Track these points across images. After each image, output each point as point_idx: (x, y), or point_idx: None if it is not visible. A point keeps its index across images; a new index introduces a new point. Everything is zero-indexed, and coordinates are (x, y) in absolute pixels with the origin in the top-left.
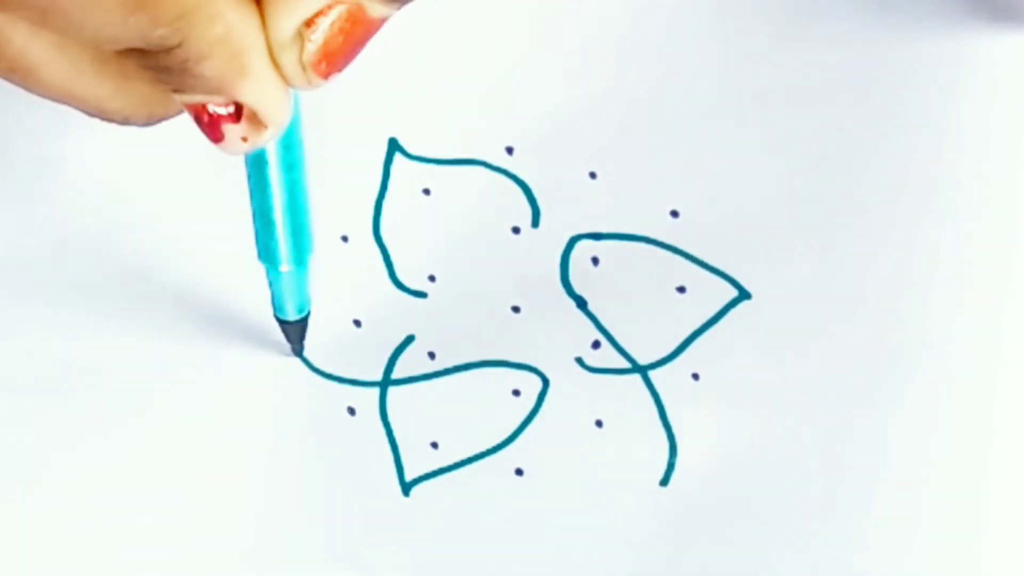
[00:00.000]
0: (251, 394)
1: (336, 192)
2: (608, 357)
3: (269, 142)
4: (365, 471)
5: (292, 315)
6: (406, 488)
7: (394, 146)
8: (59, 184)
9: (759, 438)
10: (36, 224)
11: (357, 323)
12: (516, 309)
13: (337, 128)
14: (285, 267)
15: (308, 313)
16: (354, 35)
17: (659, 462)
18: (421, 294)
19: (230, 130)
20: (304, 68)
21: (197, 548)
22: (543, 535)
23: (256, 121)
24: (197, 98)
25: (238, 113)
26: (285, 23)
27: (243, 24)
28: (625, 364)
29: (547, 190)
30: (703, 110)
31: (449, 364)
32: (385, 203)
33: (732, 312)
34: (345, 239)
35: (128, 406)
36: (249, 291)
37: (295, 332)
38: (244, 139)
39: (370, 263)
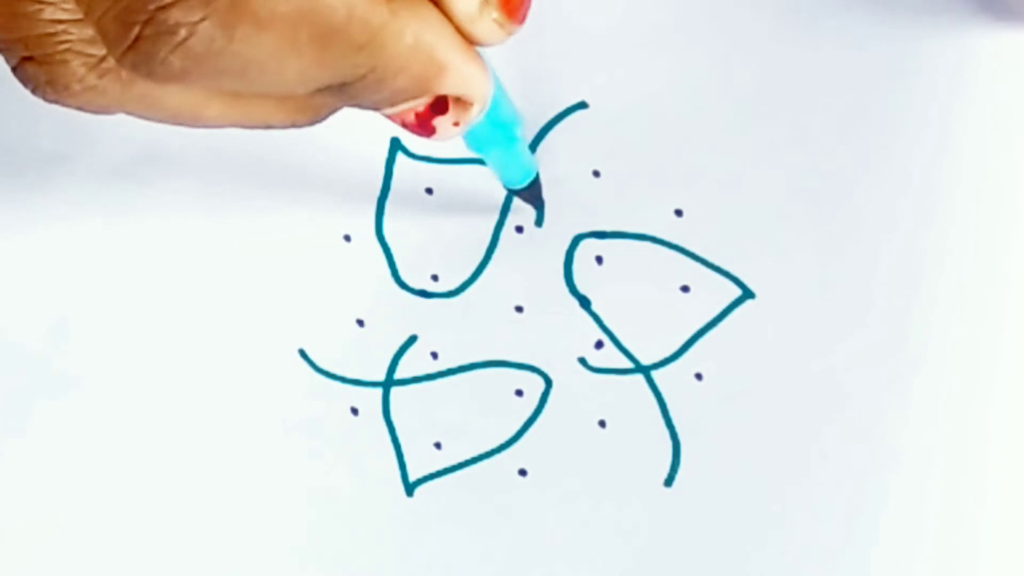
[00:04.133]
0: (254, 394)
1: (338, 192)
2: (611, 357)
3: (479, 116)
4: (368, 471)
5: (518, 184)
6: (409, 488)
7: (396, 145)
8: (65, 182)
9: (763, 438)
10: (42, 222)
11: (360, 323)
12: (519, 309)
13: (339, 127)
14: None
15: (535, 177)
16: None
17: (663, 462)
18: (424, 294)
19: (440, 122)
20: (501, 24)
21: (199, 547)
22: (546, 535)
23: (462, 103)
24: (400, 108)
25: (443, 105)
26: None
27: (428, 25)
28: (628, 364)
29: (551, 189)
30: (707, 109)
31: (452, 364)
32: (388, 203)
33: (736, 312)
34: (348, 239)
35: (130, 406)
36: (252, 290)
37: (527, 196)
38: (456, 124)
39: (373, 263)
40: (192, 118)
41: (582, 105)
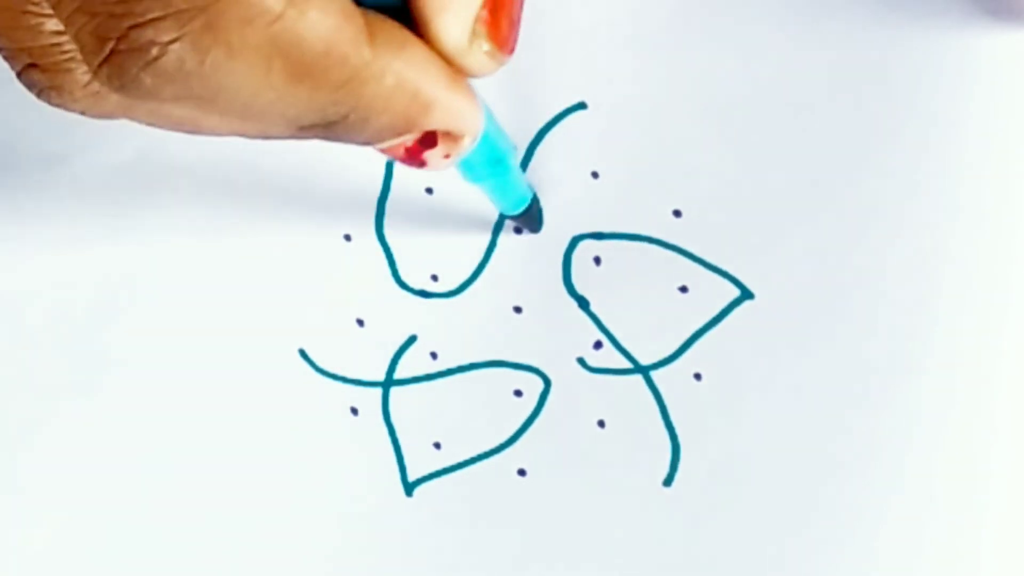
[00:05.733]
0: (254, 394)
1: (339, 191)
2: (610, 357)
3: (471, 148)
4: (367, 471)
5: (515, 211)
6: (409, 488)
7: None
8: (66, 182)
9: (762, 438)
10: (42, 222)
11: (360, 322)
12: (518, 309)
13: None
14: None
15: (530, 202)
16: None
17: (662, 462)
18: (424, 294)
19: (430, 155)
20: (492, 56)
21: (198, 547)
22: (545, 535)
23: (452, 137)
24: (388, 144)
25: (433, 139)
26: (456, 32)
27: (412, 63)
28: (627, 364)
29: (549, 189)
30: (706, 109)
31: (451, 364)
32: (388, 202)
33: (735, 312)
34: (348, 238)
35: (130, 405)
36: (252, 290)
37: (524, 221)
38: (446, 156)
39: (373, 262)
40: (193, 126)
41: (581, 106)
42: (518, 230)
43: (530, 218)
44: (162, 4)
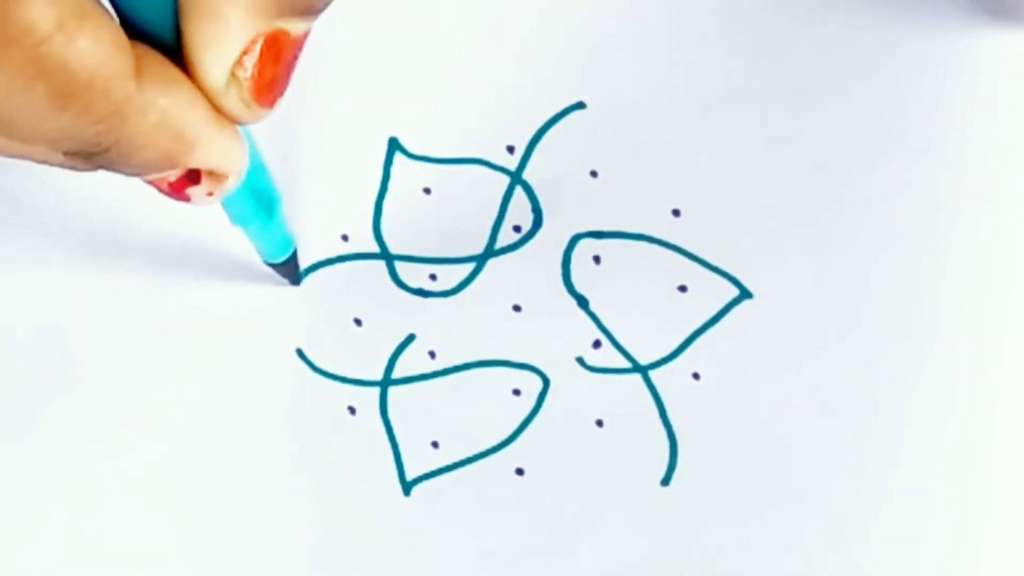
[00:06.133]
0: (252, 393)
1: (336, 191)
2: (609, 356)
3: (234, 188)
4: (365, 470)
5: (276, 258)
6: (407, 487)
7: (394, 145)
8: (65, 183)
9: (760, 438)
10: (42, 222)
11: (358, 322)
12: (517, 308)
13: (337, 127)
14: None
15: (291, 252)
16: (284, 58)
17: (660, 462)
18: (422, 293)
19: (194, 192)
20: (247, 104)
21: (196, 547)
22: (543, 535)
23: (216, 176)
24: (153, 177)
25: (197, 175)
26: (216, 72)
27: (177, 100)
28: (626, 363)
29: (548, 189)
30: (705, 109)
31: (450, 363)
32: (385, 202)
33: (733, 311)
34: (345, 238)
35: (128, 404)
36: (251, 289)
37: (284, 271)
38: (209, 194)
39: (371, 262)
40: None
41: (580, 105)
42: (517, 228)
43: (290, 269)
44: None
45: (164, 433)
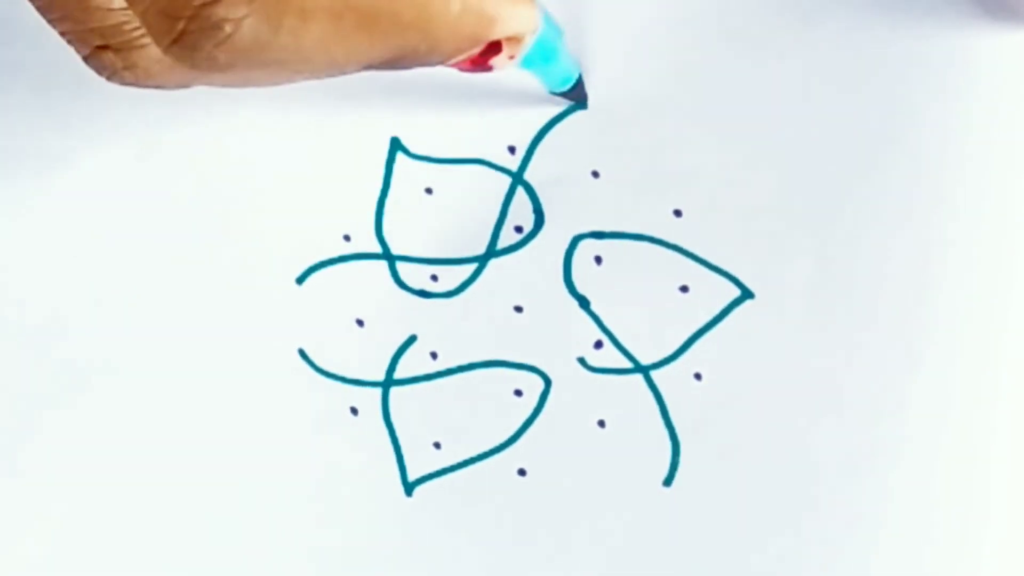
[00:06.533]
0: (254, 394)
1: (338, 191)
2: (610, 357)
3: (532, 43)
4: (368, 471)
5: (564, 87)
6: (409, 488)
7: (396, 145)
8: (66, 182)
9: (762, 438)
10: (42, 222)
11: (359, 323)
12: (519, 309)
13: (339, 127)
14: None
15: (578, 79)
16: None
17: (662, 462)
18: (424, 294)
19: (496, 61)
20: None
21: (198, 546)
22: (545, 535)
23: (514, 39)
24: (458, 59)
25: (498, 45)
26: None
27: None
28: (627, 364)
29: (550, 189)
30: (706, 109)
31: (451, 364)
32: (387, 202)
33: (735, 312)
34: (347, 238)
35: (130, 406)
36: (252, 290)
37: (573, 95)
38: (511, 57)
39: (372, 262)
40: (269, 82)
41: (581, 106)
42: (518, 228)
43: (578, 93)
44: None
45: (165, 433)
